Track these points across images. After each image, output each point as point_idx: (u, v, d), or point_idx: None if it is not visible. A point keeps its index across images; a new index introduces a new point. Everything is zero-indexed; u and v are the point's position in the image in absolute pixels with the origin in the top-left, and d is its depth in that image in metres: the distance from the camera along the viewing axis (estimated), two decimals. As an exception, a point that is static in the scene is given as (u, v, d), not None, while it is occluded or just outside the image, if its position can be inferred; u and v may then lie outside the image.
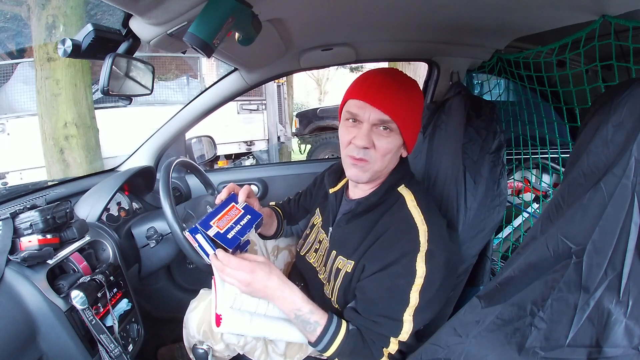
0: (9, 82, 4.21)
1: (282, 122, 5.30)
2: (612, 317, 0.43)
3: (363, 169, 0.75)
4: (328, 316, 0.73)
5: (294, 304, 0.72)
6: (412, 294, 0.69)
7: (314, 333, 0.72)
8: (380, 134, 0.72)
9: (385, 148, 0.73)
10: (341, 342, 0.71)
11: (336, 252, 0.82)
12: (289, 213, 1.14)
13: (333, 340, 0.71)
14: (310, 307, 0.73)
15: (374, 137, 0.72)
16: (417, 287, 0.69)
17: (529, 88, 1.20)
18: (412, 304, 0.69)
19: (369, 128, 0.72)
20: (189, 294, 1.27)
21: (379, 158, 0.73)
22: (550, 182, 1.56)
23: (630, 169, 0.45)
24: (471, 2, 0.85)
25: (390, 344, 0.71)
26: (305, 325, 0.72)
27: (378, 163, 0.74)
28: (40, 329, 0.74)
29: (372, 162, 0.74)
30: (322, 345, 0.72)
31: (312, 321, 0.72)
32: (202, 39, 0.60)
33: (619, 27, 0.78)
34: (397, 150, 0.76)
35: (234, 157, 5.00)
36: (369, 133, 0.72)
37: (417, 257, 0.70)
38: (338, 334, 0.72)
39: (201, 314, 0.91)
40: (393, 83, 0.72)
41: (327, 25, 1.04)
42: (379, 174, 0.78)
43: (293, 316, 0.73)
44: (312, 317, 0.72)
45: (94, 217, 1.06)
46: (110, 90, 0.78)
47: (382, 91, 0.71)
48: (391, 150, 0.74)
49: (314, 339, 0.72)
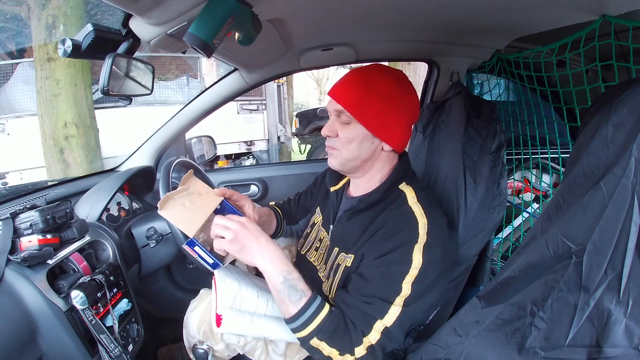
0: (9, 82, 4.21)
1: (282, 122, 5.30)
2: (612, 317, 0.43)
3: (332, 155, 0.81)
4: (313, 291, 0.71)
5: (286, 265, 0.71)
6: (405, 284, 0.68)
7: (298, 303, 0.68)
8: (341, 124, 0.79)
9: (345, 137, 0.78)
10: (323, 319, 0.68)
11: (338, 249, 0.82)
12: (289, 213, 1.14)
13: (315, 316, 0.68)
14: (299, 274, 0.71)
15: (338, 127, 0.79)
16: (411, 278, 0.68)
17: (529, 88, 1.20)
18: (404, 294, 0.68)
19: (333, 119, 0.80)
20: (189, 294, 1.27)
21: (343, 146, 0.79)
22: (550, 182, 1.56)
23: (630, 169, 0.45)
24: (471, 2, 0.85)
25: (372, 331, 0.68)
26: (291, 292, 0.69)
27: (345, 151, 0.79)
28: (40, 329, 0.74)
29: (339, 150, 0.80)
30: (303, 319, 0.68)
31: (299, 289, 0.69)
32: (202, 39, 0.60)
33: (619, 27, 0.78)
34: (364, 139, 0.77)
35: (234, 157, 5.00)
36: (332, 123, 0.80)
37: (415, 247, 0.70)
38: (321, 311, 0.69)
39: (201, 314, 0.90)
40: (355, 77, 0.78)
41: (327, 25, 1.04)
42: (352, 162, 0.80)
43: (281, 280, 0.69)
44: (300, 284, 0.69)
45: (94, 217, 1.05)
46: (110, 90, 0.78)
47: (341, 84, 0.79)
48: (352, 139, 0.77)
49: (295, 310, 0.68)
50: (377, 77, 0.77)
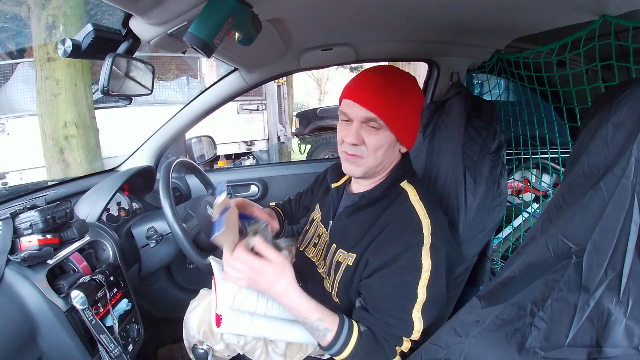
0: (9, 82, 4.21)
1: (282, 122, 5.30)
2: (612, 317, 0.43)
3: (356, 164, 0.78)
4: (339, 320, 0.71)
5: (301, 312, 0.71)
6: (420, 289, 0.69)
7: (324, 339, 0.71)
8: (369, 130, 0.75)
9: (374, 145, 0.75)
10: (355, 345, 0.70)
11: (336, 246, 0.82)
12: (290, 213, 1.14)
13: (346, 344, 0.70)
14: (319, 315, 0.71)
15: (364, 134, 0.75)
16: (424, 282, 0.69)
17: (529, 88, 1.20)
18: (420, 300, 0.69)
19: (358, 126, 0.75)
20: (189, 294, 1.27)
21: (370, 154, 0.76)
22: (550, 182, 1.56)
23: (630, 169, 0.45)
24: (471, 2, 0.85)
25: (404, 343, 0.71)
26: (314, 331, 0.71)
27: (371, 158, 0.76)
28: (40, 329, 0.74)
29: (365, 158, 0.77)
30: (335, 349, 0.70)
31: (321, 328, 0.70)
32: (202, 39, 0.60)
33: (619, 27, 0.78)
34: (390, 146, 0.77)
35: (234, 157, 5.00)
36: (358, 130, 0.75)
37: (422, 250, 0.70)
38: (351, 338, 0.70)
39: (201, 314, 0.91)
40: (381, 81, 0.74)
41: (327, 25, 1.04)
42: (375, 168, 0.79)
43: (302, 321, 0.72)
44: (320, 324, 0.70)
45: (94, 217, 1.05)
46: (110, 90, 0.78)
47: (369, 89, 0.74)
48: (381, 146, 0.75)
49: (325, 345, 0.71)
50: (401, 80, 0.76)
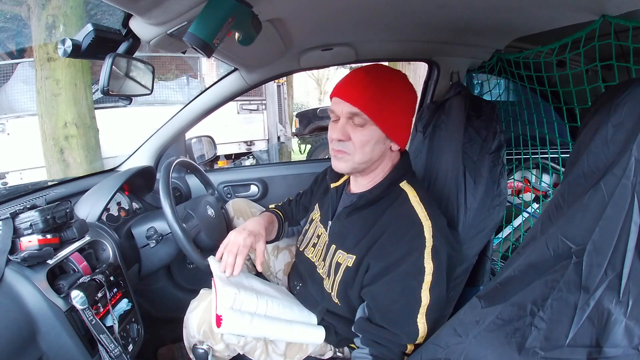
0: (9, 82, 4.20)
1: (282, 122, 5.30)
2: (612, 317, 0.43)
3: (343, 159, 0.79)
4: None
5: None
6: (423, 292, 0.70)
7: None
8: (354, 126, 0.76)
9: (360, 140, 0.76)
10: None
11: (335, 246, 0.82)
12: (290, 215, 1.14)
13: None
14: None
15: (350, 130, 0.76)
16: (427, 285, 0.70)
17: (529, 88, 1.20)
18: (424, 303, 0.70)
19: (344, 122, 0.77)
20: (189, 294, 1.27)
21: (357, 149, 0.77)
22: (550, 182, 1.56)
23: (630, 169, 0.45)
24: (471, 2, 0.85)
25: (407, 347, 0.72)
26: None
27: (358, 154, 0.77)
28: (40, 329, 0.74)
29: (352, 154, 0.77)
30: None
31: None
32: (202, 39, 0.60)
33: (619, 27, 0.78)
34: (378, 142, 0.77)
35: (234, 157, 5.00)
36: (344, 126, 0.76)
37: (425, 253, 0.70)
38: None
39: (201, 314, 0.90)
40: (367, 77, 0.76)
41: (327, 25, 1.04)
42: (364, 164, 0.79)
43: None
44: None
45: (94, 217, 1.05)
46: (110, 90, 0.78)
47: (353, 85, 0.76)
48: (368, 141, 0.76)
49: None
50: (388, 77, 0.77)
